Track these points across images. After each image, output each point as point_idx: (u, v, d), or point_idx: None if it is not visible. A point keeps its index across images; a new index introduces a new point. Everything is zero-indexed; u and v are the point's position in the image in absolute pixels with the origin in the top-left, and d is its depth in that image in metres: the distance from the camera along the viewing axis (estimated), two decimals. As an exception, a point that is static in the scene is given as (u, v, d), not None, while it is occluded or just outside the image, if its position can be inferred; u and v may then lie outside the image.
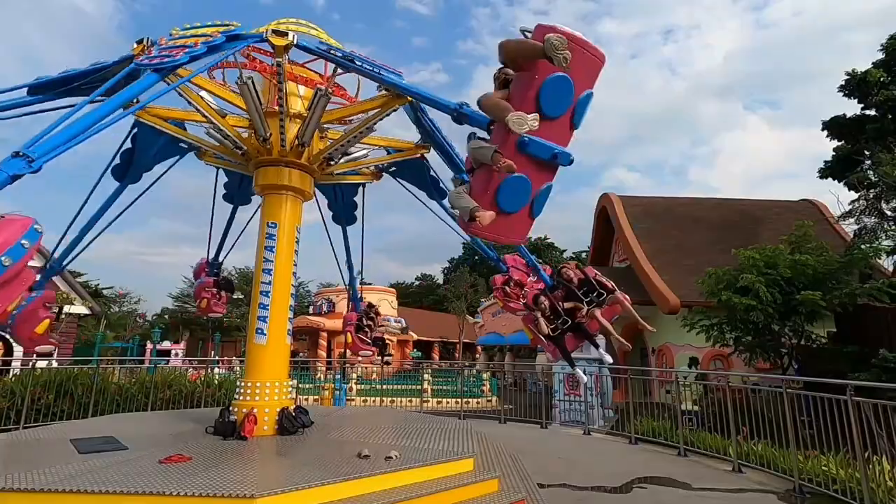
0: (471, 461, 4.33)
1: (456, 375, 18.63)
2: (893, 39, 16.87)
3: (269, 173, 5.44)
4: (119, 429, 5.15)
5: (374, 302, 8.94)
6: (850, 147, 17.72)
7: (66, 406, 8.79)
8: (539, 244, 50.01)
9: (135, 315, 39.03)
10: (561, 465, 6.88)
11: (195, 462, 3.80)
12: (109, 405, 9.06)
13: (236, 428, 4.86)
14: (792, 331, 10.80)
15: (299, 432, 5.09)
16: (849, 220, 13.65)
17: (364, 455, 4.03)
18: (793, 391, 6.72)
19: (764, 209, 19.56)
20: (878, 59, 17.28)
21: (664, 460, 7.50)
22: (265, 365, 5.24)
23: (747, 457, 6.96)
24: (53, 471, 3.48)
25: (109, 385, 9.49)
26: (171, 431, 5.17)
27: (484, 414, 12.93)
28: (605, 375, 12.27)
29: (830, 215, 17.92)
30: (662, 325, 16.37)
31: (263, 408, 5.03)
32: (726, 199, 21.30)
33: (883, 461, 5.44)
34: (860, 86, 17.29)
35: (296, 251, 5.66)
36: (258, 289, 5.34)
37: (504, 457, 5.41)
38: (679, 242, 17.67)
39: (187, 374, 11.41)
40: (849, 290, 9.87)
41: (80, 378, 9.23)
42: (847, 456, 5.70)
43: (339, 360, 19.28)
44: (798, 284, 10.29)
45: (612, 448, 8.52)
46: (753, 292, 10.11)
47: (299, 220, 5.73)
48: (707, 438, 7.88)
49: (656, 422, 8.99)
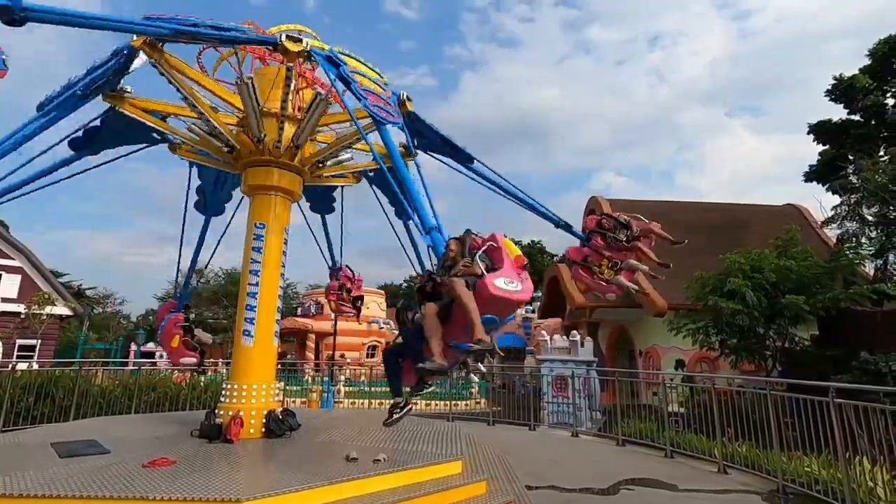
0: (459, 464, 4.32)
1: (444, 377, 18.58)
2: (880, 45, 17.16)
3: (259, 174, 5.39)
4: (102, 432, 5.06)
5: (363, 304, 9.01)
6: (836, 151, 18.04)
7: (47, 409, 8.59)
8: (531, 249, 50.42)
9: (118, 316, 38.43)
10: (549, 467, 6.89)
11: (180, 465, 3.74)
12: (92, 408, 8.89)
13: (222, 431, 4.81)
14: (776, 333, 10.97)
15: (286, 435, 5.05)
16: (831, 225, 13.90)
17: (352, 458, 4.01)
18: (777, 393, 6.81)
19: (749, 213, 19.85)
20: (865, 65, 17.57)
21: (651, 462, 7.54)
22: (252, 367, 5.19)
23: (732, 458, 7.03)
24: (31, 475, 3.40)
25: (92, 387, 9.31)
26: (156, 434, 5.09)
27: (473, 416, 12.90)
28: (593, 377, 12.34)
29: (814, 220, 18.25)
30: (650, 328, 16.54)
31: (250, 410, 4.98)
32: (712, 203, 21.58)
33: (864, 462, 5.52)
34: (846, 91, 17.61)
35: (284, 252, 5.62)
36: (245, 290, 5.29)
37: (492, 459, 5.40)
38: (665, 245, 17.81)
39: (172, 377, 11.25)
40: (832, 294, 10.06)
41: (62, 380, 9.05)
42: (829, 457, 5.79)
43: (328, 362, 19.16)
44: (783, 288, 10.45)
45: (599, 450, 8.55)
46: (740, 296, 10.25)
47: (288, 220, 5.70)
48: (693, 440, 7.94)
49: (643, 423, 9.05)
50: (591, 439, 9.63)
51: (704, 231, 18.39)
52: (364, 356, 25.70)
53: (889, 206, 12.34)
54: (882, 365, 8.47)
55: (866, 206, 12.79)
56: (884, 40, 17.27)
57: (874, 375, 8.40)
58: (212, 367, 13.83)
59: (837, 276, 11.03)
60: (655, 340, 16.24)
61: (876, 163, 13.22)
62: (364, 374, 17.49)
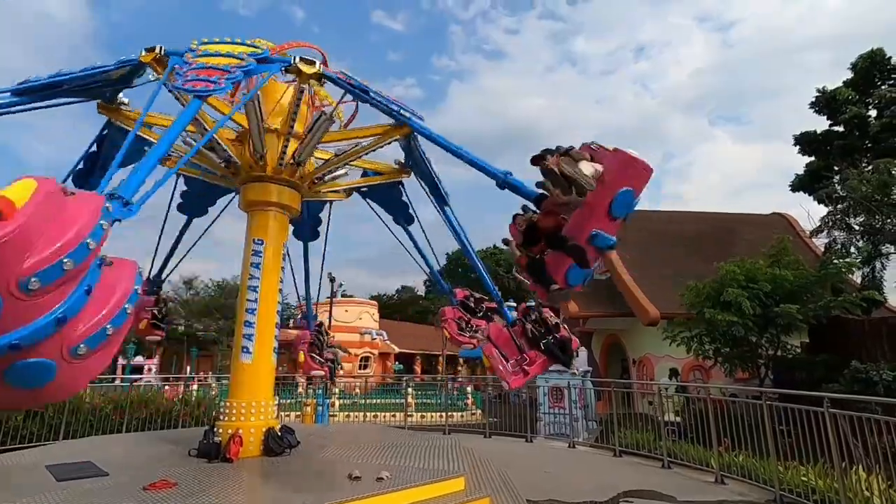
0: (461, 480, 4.32)
1: (439, 389, 18.52)
2: (861, 59, 17.75)
3: (257, 189, 5.39)
4: (96, 452, 4.98)
5: (356, 314, 9.02)
6: (822, 162, 18.47)
7: (37, 428, 8.39)
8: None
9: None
10: (548, 480, 6.88)
11: (181, 487, 3.69)
12: (82, 426, 8.71)
13: (221, 450, 4.75)
14: (769, 342, 11.10)
15: (286, 453, 5.00)
16: (819, 234, 14.15)
17: (355, 476, 3.98)
18: (772, 402, 6.88)
19: (737, 222, 20.13)
20: (848, 79, 18.15)
21: (649, 472, 7.56)
22: (251, 384, 5.15)
23: (729, 468, 7.07)
24: (32, 501, 3.33)
25: (83, 405, 9.13)
26: (152, 454, 5.02)
27: (468, 428, 12.86)
28: (588, 388, 12.36)
29: (801, 229, 18.55)
30: (643, 337, 16.64)
31: (249, 428, 4.93)
32: (701, 213, 21.86)
33: (860, 471, 5.59)
34: (829, 103, 18.10)
35: (282, 268, 5.61)
36: (244, 306, 5.26)
37: (493, 474, 5.39)
38: (657, 255, 18.02)
39: (163, 392, 11.08)
40: (823, 302, 10.21)
41: (51, 398, 8.86)
42: (825, 466, 5.85)
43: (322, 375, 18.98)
44: (776, 297, 10.60)
45: (597, 461, 8.56)
46: (735, 305, 10.37)
47: (286, 236, 5.70)
48: (690, 450, 7.99)
49: (640, 434, 9.08)
50: (587, 450, 9.64)
51: (693, 240, 18.63)
52: (357, 368, 25.49)
53: (875, 216, 12.61)
54: (874, 374, 8.59)
55: (853, 216, 13.05)
56: (865, 55, 17.89)
57: (865, 384, 8.52)
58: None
59: (827, 284, 11.21)
60: (648, 349, 16.34)
61: (861, 173, 13.51)
62: (359, 386, 17.38)
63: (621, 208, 3.15)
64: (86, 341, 2.45)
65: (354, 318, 26.82)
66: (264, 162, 5.20)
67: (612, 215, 3.17)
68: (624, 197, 3.12)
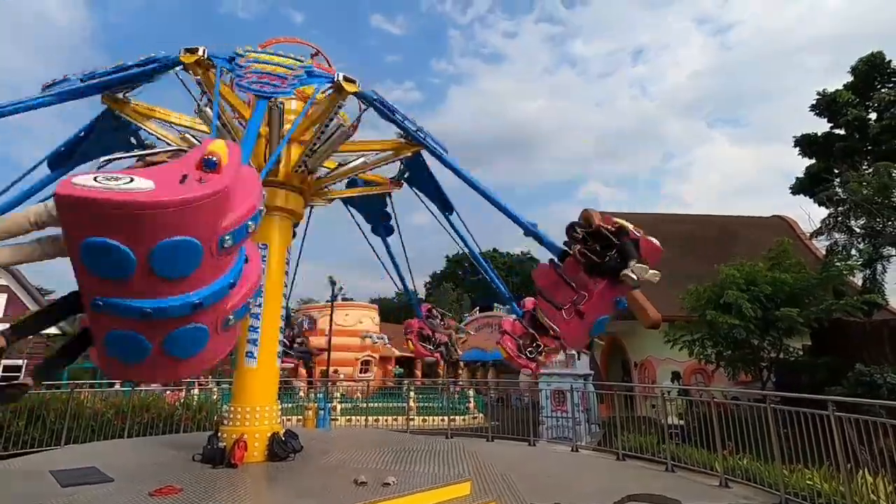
0: (467, 484, 4.31)
1: (440, 392, 18.49)
2: (861, 63, 17.85)
3: (266, 194, 5.41)
4: (100, 458, 4.96)
5: (356, 318, 9.07)
6: (823, 165, 18.51)
7: (38, 433, 8.36)
8: (522, 258, 50.84)
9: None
10: (552, 484, 6.85)
11: (187, 493, 3.68)
12: (84, 431, 8.68)
13: (225, 455, 4.74)
14: (770, 345, 11.08)
15: (290, 458, 4.99)
16: (819, 237, 14.15)
17: (361, 482, 3.97)
18: (776, 406, 6.86)
19: (738, 224, 20.14)
20: (848, 82, 18.26)
21: (653, 476, 7.53)
22: (255, 389, 5.14)
23: (733, 471, 7.04)
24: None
25: (84, 409, 9.11)
26: (156, 460, 5.01)
27: (470, 432, 12.82)
28: (590, 391, 12.35)
29: (801, 231, 18.56)
30: (644, 340, 16.60)
31: (254, 433, 4.92)
32: (701, 215, 21.88)
33: (866, 474, 5.57)
34: (830, 105, 18.17)
35: (286, 272, 5.61)
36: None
37: (498, 478, 5.38)
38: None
39: (164, 396, 11.06)
40: (825, 305, 10.21)
41: (53, 403, 8.84)
42: (831, 469, 5.83)
43: (321, 379, 18.96)
44: (777, 300, 10.59)
45: (600, 464, 8.53)
46: (736, 308, 10.36)
47: (290, 241, 5.70)
48: (693, 453, 7.95)
49: (643, 437, 9.05)
50: (590, 454, 9.61)
51: (694, 242, 18.62)
52: (357, 372, 25.43)
53: (876, 218, 12.62)
54: (877, 377, 8.57)
55: (854, 218, 13.06)
56: (865, 58, 17.97)
57: (869, 387, 8.50)
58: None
59: (828, 287, 11.21)
60: (650, 352, 16.30)
61: (861, 175, 13.53)
62: (360, 390, 17.36)
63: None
64: (235, 313, 2.41)
65: (355, 322, 26.76)
66: (277, 168, 5.22)
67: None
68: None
